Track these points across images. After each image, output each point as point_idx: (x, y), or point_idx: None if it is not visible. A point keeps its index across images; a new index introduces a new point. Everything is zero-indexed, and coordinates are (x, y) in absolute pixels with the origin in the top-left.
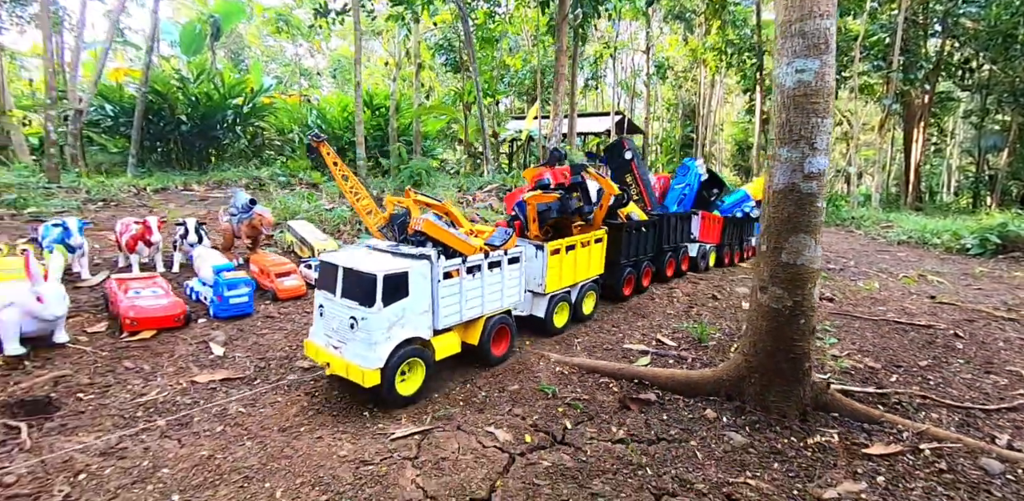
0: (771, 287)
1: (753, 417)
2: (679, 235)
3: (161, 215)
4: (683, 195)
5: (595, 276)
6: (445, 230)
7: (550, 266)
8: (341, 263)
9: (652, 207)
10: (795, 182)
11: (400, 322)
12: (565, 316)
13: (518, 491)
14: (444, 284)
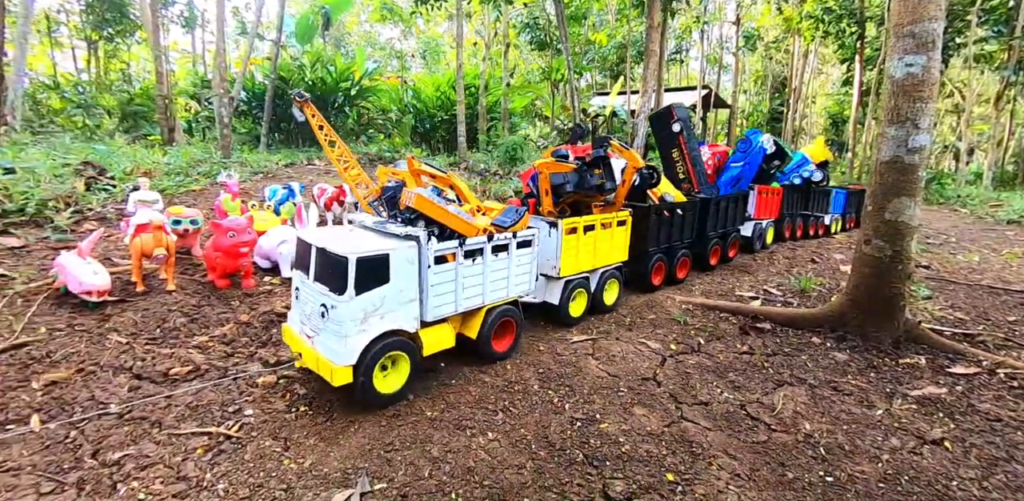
0: (874, 240)
1: (853, 343)
2: (730, 218)
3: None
4: (740, 175)
5: (617, 263)
6: (440, 207)
7: (565, 247)
8: (314, 242)
9: (700, 187)
10: (899, 155)
11: (378, 312)
12: (583, 304)
13: (674, 375)
14: (436, 270)
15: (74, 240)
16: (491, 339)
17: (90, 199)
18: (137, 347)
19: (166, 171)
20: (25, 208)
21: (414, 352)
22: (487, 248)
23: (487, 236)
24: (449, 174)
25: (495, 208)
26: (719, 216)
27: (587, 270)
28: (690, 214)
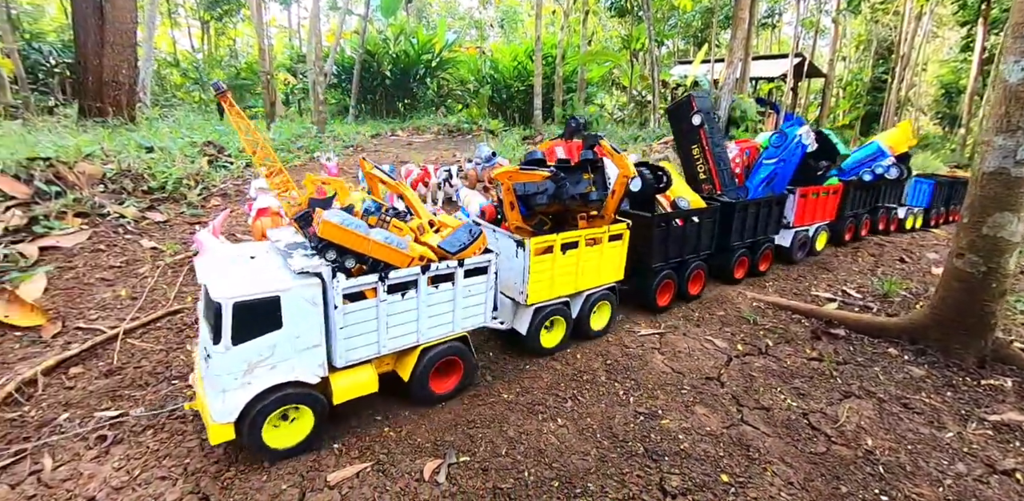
0: (968, 254)
1: (932, 358)
2: (760, 226)
3: (421, 163)
4: (775, 174)
5: (610, 284)
6: (356, 234)
7: (536, 270)
8: (200, 273)
9: (723, 189)
10: (1006, 167)
11: (267, 362)
12: (560, 334)
13: (738, 377)
14: (349, 309)
15: (204, 215)
16: (428, 380)
17: (213, 177)
18: None
19: (271, 148)
20: (165, 186)
21: (318, 404)
22: (422, 280)
23: (422, 266)
24: (399, 183)
25: (451, 225)
26: (747, 223)
27: (567, 294)
28: (708, 222)
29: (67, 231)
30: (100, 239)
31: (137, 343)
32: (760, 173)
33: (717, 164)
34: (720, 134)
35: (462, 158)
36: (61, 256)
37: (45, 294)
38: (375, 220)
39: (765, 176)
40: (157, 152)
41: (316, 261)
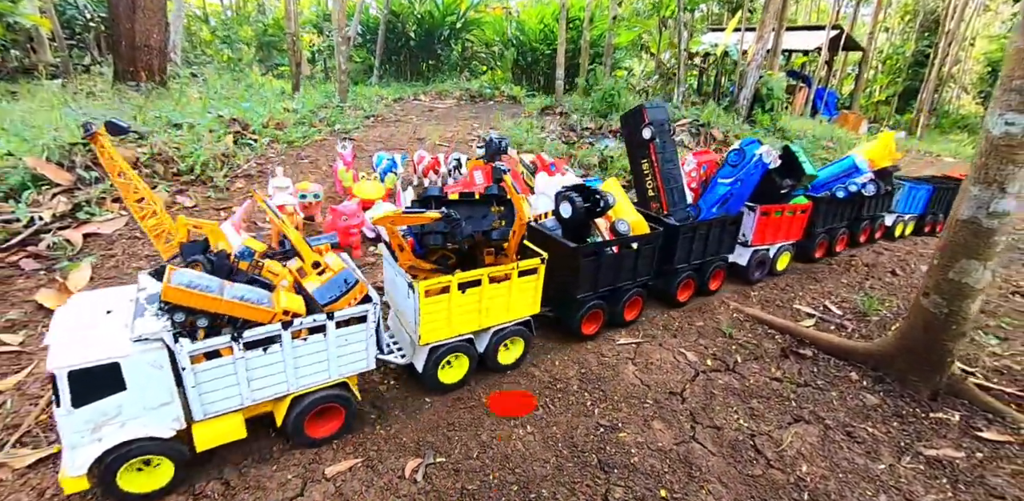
0: (933, 295)
1: (889, 387)
2: (711, 247)
3: (439, 152)
4: (730, 194)
5: (524, 317)
6: (204, 297)
7: (429, 311)
8: (52, 329)
9: (671, 209)
10: (978, 217)
11: (116, 420)
12: (462, 371)
13: (700, 393)
14: (202, 367)
15: (228, 199)
16: (303, 427)
17: (238, 156)
18: None
19: (293, 122)
20: (193, 168)
21: (177, 453)
22: (285, 335)
23: (283, 323)
24: (283, 222)
25: (334, 269)
26: (694, 245)
27: (470, 331)
28: (648, 248)
29: (106, 217)
30: (135, 225)
31: None
32: (715, 192)
33: (666, 182)
34: (673, 148)
35: (476, 137)
36: (103, 242)
37: (90, 283)
38: (246, 265)
39: (719, 196)
40: (186, 130)
41: (160, 324)
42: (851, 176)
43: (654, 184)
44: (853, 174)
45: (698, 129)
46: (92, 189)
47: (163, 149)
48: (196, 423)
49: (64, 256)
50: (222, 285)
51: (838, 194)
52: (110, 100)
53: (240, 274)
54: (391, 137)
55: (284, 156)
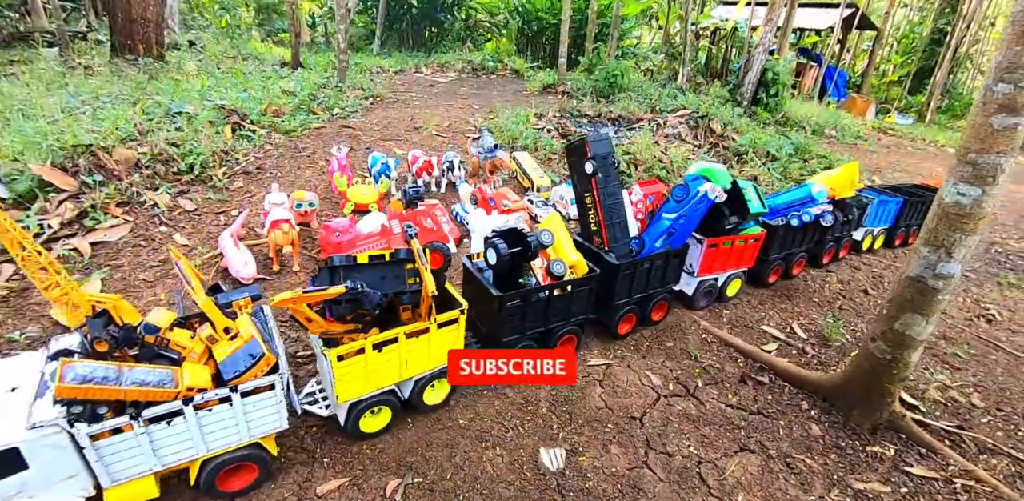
0: (879, 341)
1: (834, 418)
2: (655, 280)
3: (435, 153)
4: (673, 229)
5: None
6: (100, 389)
7: (343, 373)
8: None
9: (612, 244)
10: (925, 276)
11: (23, 494)
12: (385, 419)
13: (659, 418)
14: (104, 444)
15: (228, 201)
16: (215, 483)
17: (237, 151)
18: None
19: (291, 107)
20: (193, 167)
21: None
22: (188, 410)
23: (184, 399)
24: (206, 302)
25: (244, 338)
26: (635, 281)
27: (389, 385)
28: (584, 289)
29: (111, 223)
30: (139, 232)
31: None
32: (658, 226)
33: (607, 217)
34: (616, 182)
35: (473, 127)
36: (109, 251)
37: None
38: (152, 339)
39: (663, 230)
40: (184, 122)
41: (57, 410)
42: (806, 205)
43: (596, 219)
44: (808, 204)
45: (696, 122)
46: (97, 194)
47: (164, 149)
48: (111, 487)
49: (75, 268)
50: (119, 373)
51: (792, 222)
52: (109, 78)
53: (146, 348)
54: (389, 125)
55: (282, 149)
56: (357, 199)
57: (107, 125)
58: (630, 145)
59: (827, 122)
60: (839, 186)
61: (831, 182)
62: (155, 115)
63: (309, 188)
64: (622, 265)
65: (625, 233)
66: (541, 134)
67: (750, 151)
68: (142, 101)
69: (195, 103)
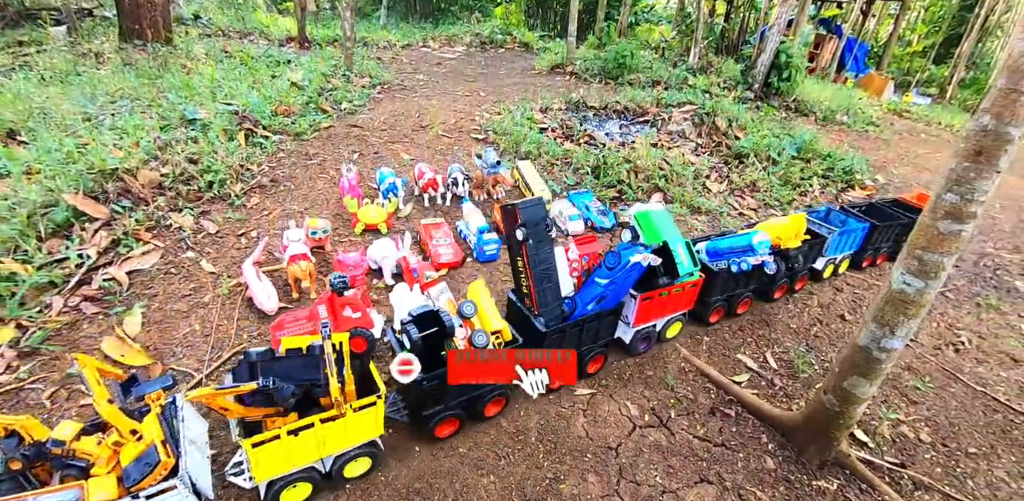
0: (830, 394)
1: (788, 453)
2: (588, 338)
3: (435, 168)
4: (605, 294)
5: (370, 439)
6: None
7: (256, 459)
8: None
9: (542, 309)
10: (871, 348)
11: None
12: (304, 492)
13: (633, 448)
14: None
15: (247, 221)
16: None
17: (251, 160)
18: None
19: (300, 105)
20: (212, 184)
21: None
22: None
23: None
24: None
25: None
26: (565, 342)
27: (307, 464)
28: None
29: (142, 250)
30: (168, 258)
31: (213, 385)
32: (591, 291)
33: (538, 283)
34: (549, 247)
35: (478, 127)
36: (143, 279)
37: (143, 329)
38: (60, 451)
39: (595, 295)
40: (200, 134)
41: None
42: (745, 252)
43: (527, 283)
44: (748, 252)
45: (702, 118)
46: (127, 220)
47: (184, 167)
48: None
49: (116, 299)
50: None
51: (732, 268)
52: (119, 67)
53: (55, 459)
54: (395, 124)
55: (293, 157)
56: (367, 220)
57: (128, 140)
58: (630, 152)
59: (840, 105)
60: (785, 236)
61: (777, 232)
62: (171, 120)
63: (322, 202)
64: (549, 332)
65: (556, 296)
66: (544, 137)
67: (752, 154)
68: (156, 103)
69: (207, 105)
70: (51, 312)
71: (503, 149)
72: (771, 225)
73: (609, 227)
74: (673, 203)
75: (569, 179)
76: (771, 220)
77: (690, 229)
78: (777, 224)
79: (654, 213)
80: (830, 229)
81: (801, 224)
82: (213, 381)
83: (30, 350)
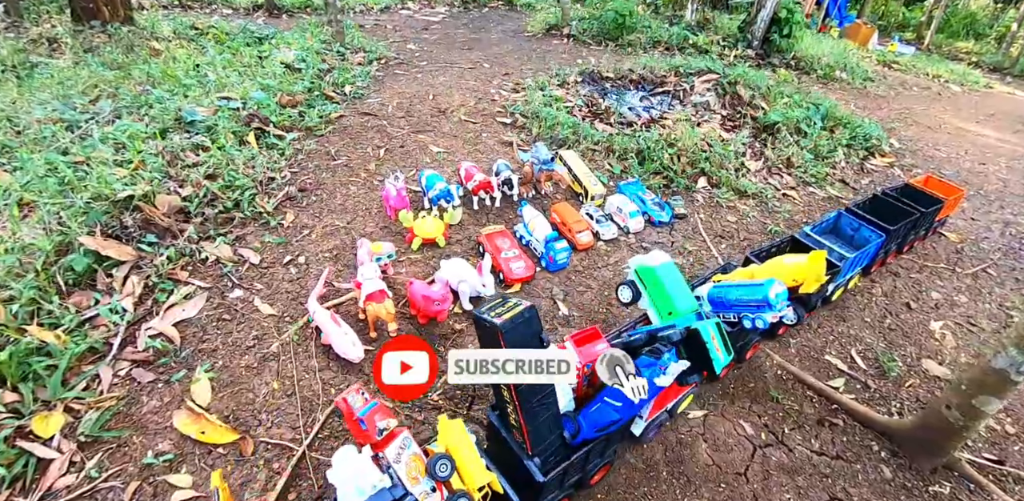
0: (955, 410)
1: (900, 460)
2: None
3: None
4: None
5: None
6: None
7: None
8: None
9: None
10: (1009, 372)
11: None
12: None
13: (759, 472)
14: None
15: (289, 243)
16: None
17: (272, 168)
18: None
19: (303, 93)
20: (239, 203)
21: None
22: None
23: None
24: None
25: None
26: (569, 474)
27: None
28: None
29: (184, 293)
30: (216, 302)
31: (322, 458)
32: (602, 415)
33: (531, 419)
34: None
35: (502, 109)
36: (195, 331)
37: (214, 395)
38: None
39: (607, 421)
40: (206, 138)
41: None
42: (761, 309)
43: (516, 416)
44: (763, 308)
45: (724, 88)
46: (157, 259)
47: (203, 184)
48: None
49: (172, 361)
50: None
51: (744, 323)
52: (80, 57)
53: None
54: (411, 109)
55: (315, 159)
56: (424, 234)
57: (129, 155)
58: (668, 134)
59: (837, 59)
60: (804, 280)
61: (793, 274)
62: (165, 122)
63: (363, 212)
64: (548, 482)
65: (555, 427)
66: (576, 119)
67: (782, 127)
68: (141, 102)
69: (203, 101)
70: (101, 386)
71: (536, 134)
72: (785, 266)
73: (668, 221)
74: (720, 188)
75: (615, 167)
76: (784, 259)
77: (741, 218)
78: (793, 266)
79: (660, 268)
80: (843, 255)
81: (821, 265)
82: (315, 451)
83: (91, 439)
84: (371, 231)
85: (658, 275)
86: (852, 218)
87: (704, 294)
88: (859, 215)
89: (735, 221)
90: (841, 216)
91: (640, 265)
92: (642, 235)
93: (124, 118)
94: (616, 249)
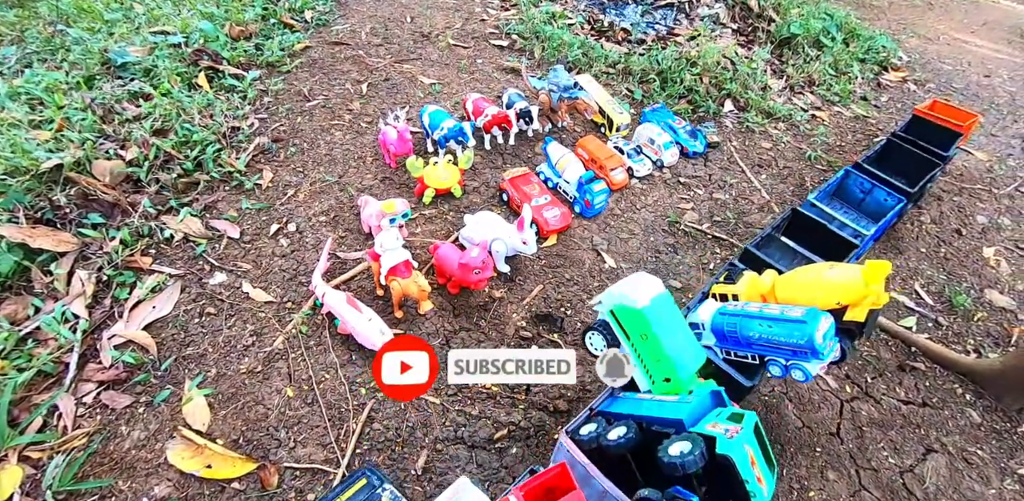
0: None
1: (986, 403)
2: None
3: None
4: None
5: None
6: None
7: None
8: None
9: None
10: None
11: None
12: None
13: (852, 430)
14: None
15: (273, 209)
16: None
17: (235, 114)
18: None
19: (257, 21)
20: (202, 163)
21: None
22: None
23: None
24: None
25: None
26: None
27: None
28: None
29: (150, 285)
30: (195, 292)
31: None
32: None
33: None
34: None
35: (496, 29)
36: (174, 334)
37: (214, 416)
38: None
39: None
40: (146, 84)
41: None
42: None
43: None
44: (805, 355)
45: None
46: (106, 244)
47: (151, 141)
48: None
49: (150, 376)
50: None
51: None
52: None
53: None
54: (388, 34)
55: (285, 101)
56: (437, 184)
57: (50, 113)
58: (687, 52)
59: None
60: (855, 302)
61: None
62: (90, 69)
63: (356, 162)
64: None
65: None
66: (582, 38)
67: (801, 40)
68: (56, 45)
69: (132, 37)
70: (63, 422)
71: (539, 57)
72: (826, 282)
73: (702, 151)
74: (748, 111)
75: (635, 92)
76: (825, 271)
77: (775, 144)
78: (840, 282)
79: (649, 309)
80: (858, 231)
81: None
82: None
83: (63, 494)
84: (370, 185)
85: (646, 317)
86: (862, 177)
87: (705, 320)
88: (869, 172)
89: (770, 148)
90: (849, 175)
91: (619, 305)
92: (677, 168)
93: (36, 66)
94: (652, 187)
